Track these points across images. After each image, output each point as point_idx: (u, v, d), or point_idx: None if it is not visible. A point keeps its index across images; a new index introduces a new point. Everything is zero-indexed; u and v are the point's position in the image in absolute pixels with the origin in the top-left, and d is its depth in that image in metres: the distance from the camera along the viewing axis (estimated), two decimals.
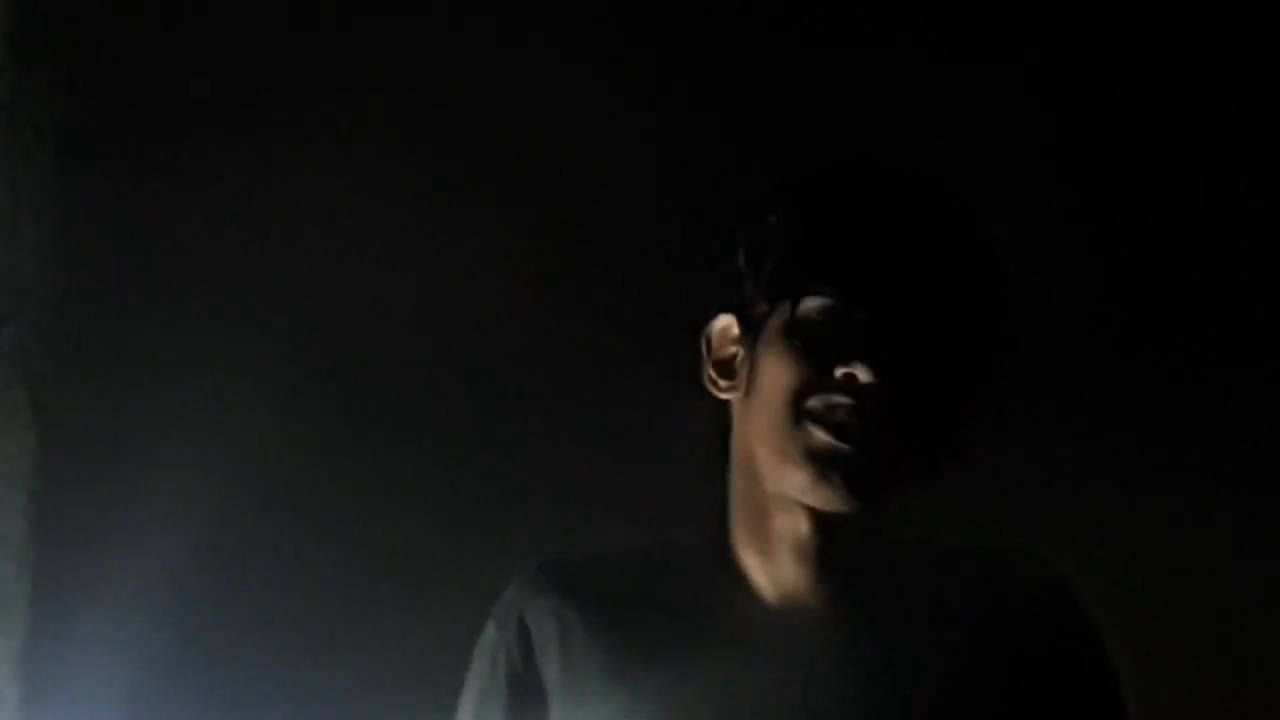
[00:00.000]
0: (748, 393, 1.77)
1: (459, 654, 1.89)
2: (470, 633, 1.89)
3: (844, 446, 1.69)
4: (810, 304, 1.73)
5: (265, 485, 2.46)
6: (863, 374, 1.68)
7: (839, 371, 1.70)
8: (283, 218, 2.52)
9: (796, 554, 1.77)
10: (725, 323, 1.81)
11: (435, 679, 2.03)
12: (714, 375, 1.81)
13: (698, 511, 1.84)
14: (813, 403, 1.71)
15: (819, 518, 1.75)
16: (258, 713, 2.43)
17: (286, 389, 2.47)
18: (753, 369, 1.77)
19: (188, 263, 2.51)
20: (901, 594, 1.78)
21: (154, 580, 2.43)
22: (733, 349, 1.81)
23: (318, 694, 2.42)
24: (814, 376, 1.71)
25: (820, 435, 1.70)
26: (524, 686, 1.79)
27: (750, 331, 1.78)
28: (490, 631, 1.83)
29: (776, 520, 1.77)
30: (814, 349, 1.72)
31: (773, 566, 1.78)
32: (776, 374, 1.74)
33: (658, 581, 1.81)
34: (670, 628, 1.77)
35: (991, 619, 1.78)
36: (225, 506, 2.44)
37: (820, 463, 1.70)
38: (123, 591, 2.43)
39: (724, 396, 1.81)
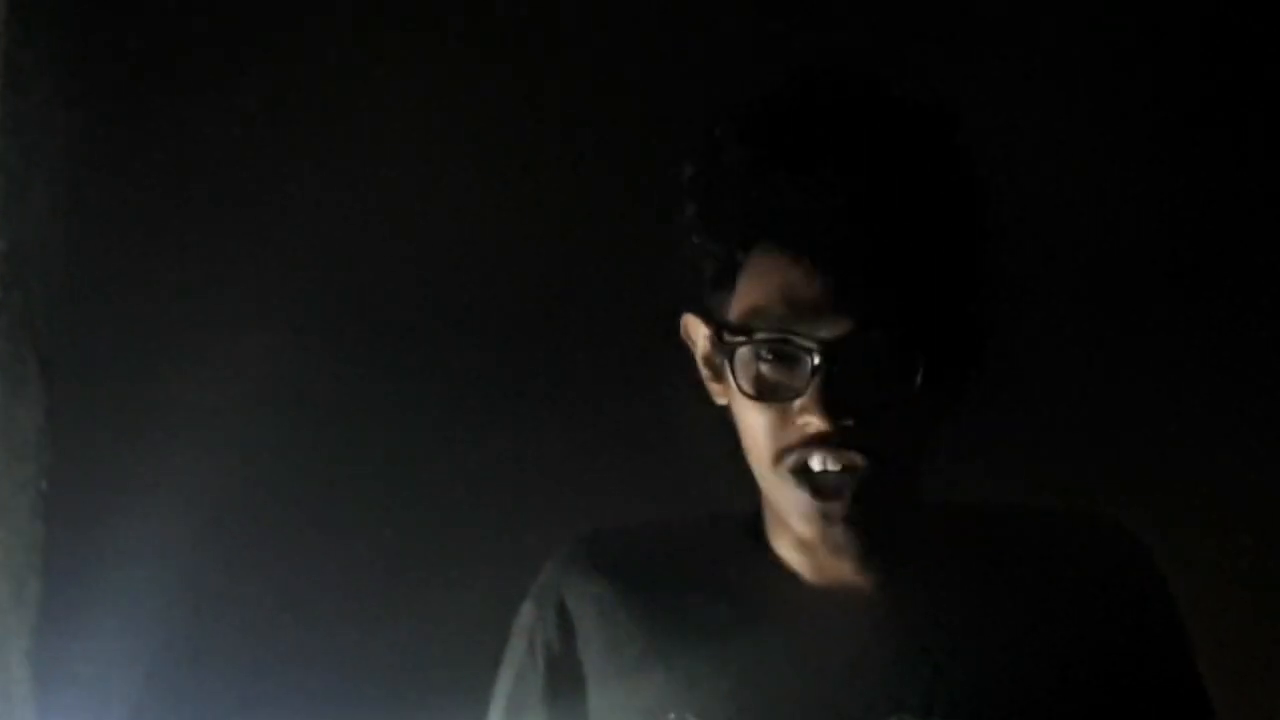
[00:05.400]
0: (730, 401, 1.69)
1: (487, 632, 1.86)
2: (492, 607, 1.86)
3: (833, 505, 1.64)
4: (746, 352, 1.64)
5: (280, 455, 2.42)
6: (819, 423, 1.61)
7: (798, 421, 1.63)
8: (296, 185, 2.48)
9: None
10: (690, 322, 1.73)
11: (463, 656, 2.01)
12: (707, 374, 1.73)
13: (731, 488, 1.80)
14: (790, 458, 1.64)
15: None
16: (282, 694, 2.39)
17: (302, 356, 2.44)
18: (729, 376, 1.67)
19: (198, 230, 2.47)
20: (947, 560, 1.73)
21: (167, 555, 2.40)
22: (706, 347, 1.71)
23: (341, 675, 2.39)
24: (777, 420, 1.64)
25: (806, 498, 1.64)
26: (562, 665, 1.76)
27: (716, 332, 1.68)
28: (528, 610, 1.79)
29: None
30: (767, 393, 1.64)
31: (807, 549, 1.74)
32: (743, 413, 1.67)
33: (698, 560, 1.77)
34: (711, 607, 1.73)
35: (1050, 578, 1.74)
36: (240, 477, 2.41)
37: (813, 522, 1.65)
38: (135, 565, 2.40)
39: (719, 402, 1.72)
